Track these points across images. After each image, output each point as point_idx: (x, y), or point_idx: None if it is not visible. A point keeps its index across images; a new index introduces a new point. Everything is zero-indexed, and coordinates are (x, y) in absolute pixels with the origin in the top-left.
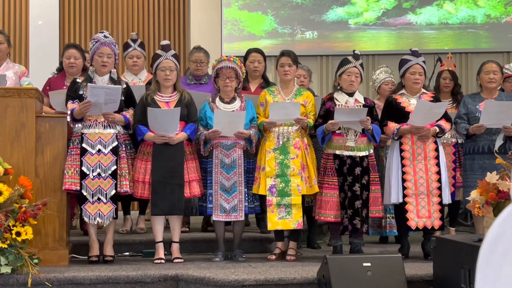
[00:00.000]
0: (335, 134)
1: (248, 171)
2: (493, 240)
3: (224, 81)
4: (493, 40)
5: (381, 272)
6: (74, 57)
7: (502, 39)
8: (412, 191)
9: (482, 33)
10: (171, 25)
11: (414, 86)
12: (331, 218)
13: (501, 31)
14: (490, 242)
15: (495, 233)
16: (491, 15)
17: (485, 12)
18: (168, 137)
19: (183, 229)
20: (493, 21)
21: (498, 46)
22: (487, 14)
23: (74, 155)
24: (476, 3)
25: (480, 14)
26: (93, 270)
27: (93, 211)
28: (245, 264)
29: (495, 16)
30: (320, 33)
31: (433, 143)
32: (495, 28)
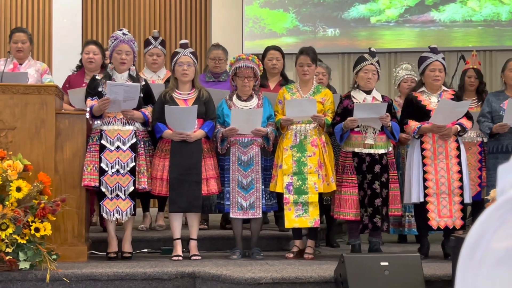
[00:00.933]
0: (354, 132)
1: (265, 169)
2: (473, 241)
3: (243, 81)
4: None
5: (399, 271)
6: (93, 53)
7: None
8: (434, 190)
9: (506, 30)
10: (193, 23)
11: (434, 83)
12: (351, 217)
13: None
14: (470, 242)
15: (476, 234)
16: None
17: (510, 9)
18: (186, 135)
19: (201, 226)
20: None
21: None
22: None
23: (93, 152)
24: (500, 0)
25: (505, 11)
26: (111, 266)
27: (111, 207)
28: (262, 262)
29: None
30: (342, 31)
31: (455, 141)
32: None
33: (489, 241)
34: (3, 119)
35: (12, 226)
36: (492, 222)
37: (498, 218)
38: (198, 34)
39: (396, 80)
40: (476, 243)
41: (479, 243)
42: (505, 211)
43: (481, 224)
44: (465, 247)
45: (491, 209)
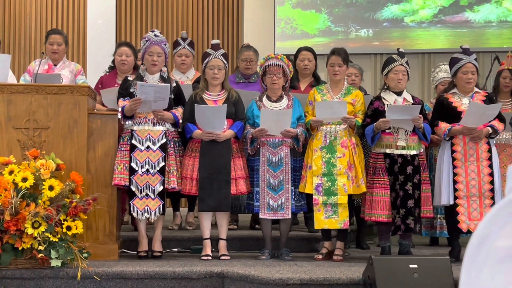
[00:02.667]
0: (385, 133)
1: (295, 170)
2: (479, 240)
3: (272, 78)
4: None
5: (428, 274)
6: (126, 55)
7: None
8: (464, 193)
9: None
10: (225, 23)
11: (467, 86)
12: (383, 218)
13: None
14: (476, 241)
15: (481, 233)
16: None
17: None
18: (216, 134)
19: (231, 226)
20: None
21: None
22: None
23: (124, 151)
24: None
25: None
26: (141, 265)
27: (141, 206)
28: (291, 263)
29: None
30: (375, 31)
31: (486, 143)
32: None
33: (493, 240)
34: (37, 119)
35: (45, 224)
36: (498, 221)
37: (503, 217)
38: (230, 35)
39: (434, 81)
40: (481, 242)
41: (484, 242)
42: (509, 211)
43: (486, 223)
44: (470, 245)
45: (497, 208)
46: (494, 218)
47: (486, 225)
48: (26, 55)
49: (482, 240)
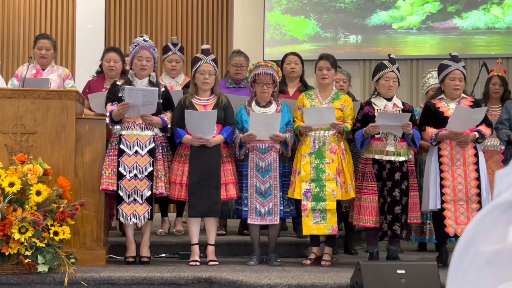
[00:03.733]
0: (375, 139)
1: (284, 175)
2: (465, 243)
3: (262, 87)
4: None
5: (416, 279)
6: (114, 61)
7: None
8: (451, 197)
9: None
10: (214, 29)
11: (454, 92)
12: (371, 224)
13: None
14: (462, 245)
15: (468, 237)
16: None
17: None
18: (205, 139)
19: (219, 232)
20: None
21: None
22: None
23: (112, 156)
24: None
25: None
26: (128, 270)
27: (128, 211)
28: (279, 268)
29: None
30: (363, 37)
31: (473, 148)
32: None
33: (479, 244)
34: (24, 123)
35: (31, 230)
36: (483, 226)
37: (489, 221)
38: (219, 40)
39: (424, 87)
40: (468, 245)
41: (471, 246)
42: (496, 215)
43: (472, 228)
44: (457, 249)
45: (483, 213)
46: (480, 223)
47: (472, 230)
48: (15, 59)
49: (468, 245)
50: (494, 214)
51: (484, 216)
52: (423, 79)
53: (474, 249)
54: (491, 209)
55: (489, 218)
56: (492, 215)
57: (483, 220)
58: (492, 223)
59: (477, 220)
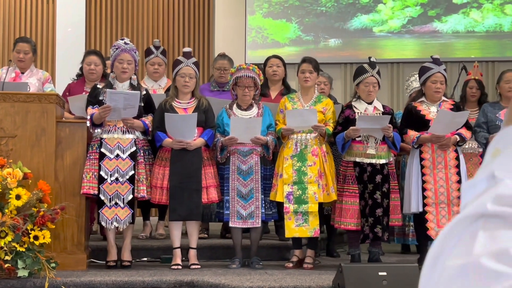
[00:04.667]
0: (356, 142)
1: (265, 178)
2: (432, 261)
3: (243, 90)
4: None
5: (397, 281)
6: (95, 64)
7: None
8: (432, 200)
9: (509, 41)
10: (196, 32)
11: (435, 95)
12: (352, 226)
13: None
14: (429, 263)
15: (434, 254)
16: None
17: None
18: (186, 143)
19: (201, 235)
20: None
21: None
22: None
23: (93, 160)
24: (503, 11)
25: (507, 22)
26: (110, 275)
27: (110, 215)
28: (262, 271)
29: None
30: (344, 41)
31: (454, 151)
32: None
33: (445, 259)
34: (4, 127)
35: (11, 234)
36: (450, 239)
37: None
38: (201, 43)
39: (408, 89)
40: (435, 260)
41: (438, 260)
42: (462, 229)
43: (440, 241)
44: (425, 263)
45: (450, 226)
46: (447, 237)
47: (439, 244)
48: None
49: (435, 260)
50: (460, 227)
51: (451, 230)
52: (406, 82)
53: (441, 264)
54: (457, 222)
55: (455, 231)
56: (458, 228)
57: (449, 234)
58: (458, 237)
59: (444, 234)
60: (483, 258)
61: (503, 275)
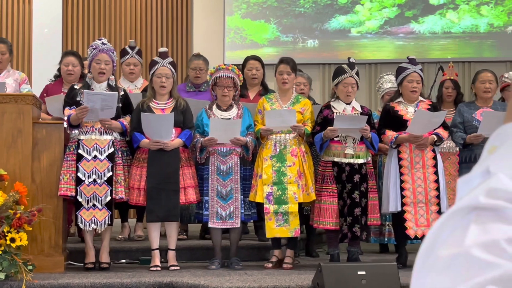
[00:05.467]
0: (334, 142)
1: (245, 178)
2: (425, 252)
3: (222, 90)
4: (496, 49)
5: (376, 280)
6: (72, 65)
7: (505, 48)
8: (411, 199)
9: (485, 42)
10: (174, 32)
11: (412, 95)
12: (331, 226)
13: (504, 40)
14: (423, 254)
15: (428, 245)
16: (494, 24)
17: (488, 21)
18: (163, 143)
19: (180, 236)
20: (496, 30)
21: (501, 55)
22: (490, 23)
23: (70, 161)
24: (479, 12)
25: (483, 23)
26: (88, 277)
27: (88, 217)
28: (241, 272)
29: (498, 25)
30: (322, 42)
31: (431, 151)
32: (498, 37)
33: (438, 249)
34: None
35: None
36: (444, 230)
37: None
38: (179, 43)
39: (380, 91)
40: (429, 250)
41: (431, 251)
42: (456, 220)
43: (434, 232)
44: (419, 254)
45: (444, 217)
46: (441, 228)
47: (433, 235)
48: None
49: (429, 250)
50: (455, 218)
51: (445, 221)
52: (377, 83)
53: (434, 254)
54: (450, 214)
55: (448, 223)
56: (451, 220)
57: (443, 225)
58: (451, 228)
59: (437, 226)
60: (473, 249)
61: (493, 265)
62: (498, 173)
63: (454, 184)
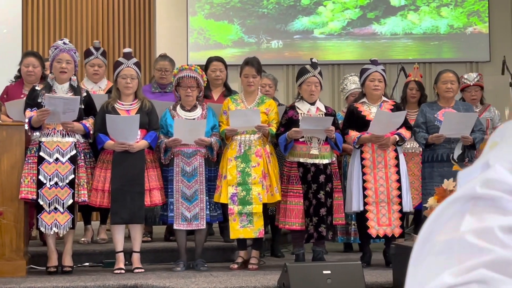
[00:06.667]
0: (299, 142)
1: (210, 179)
2: (423, 239)
3: (186, 90)
4: (456, 50)
5: (341, 279)
6: (33, 65)
7: (465, 49)
8: (373, 199)
9: (445, 43)
10: (137, 33)
11: (374, 93)
12: (296, 226)
13: (464, 41)
14: (421, 240)
15: (425, 233)
16: (454, 26)
17: (448, 23)
18: (128, 145)
19: (145, 238)
20: (456, 32)
21: (461, 56)
22: (450, 25)
23: (31, 164)
24: (439, 13)
25: (444, 24)
26: (50, 281)
27: (49, 220)
28: (207, 273)
29: (458, 27)
30: (286, 43)
31: (394, 151)
32: (458, 38)
33: (435, 235)
34: None
35: None
36: (442, 218)
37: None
38: (142, 44)
39: (344, 92)
40: (427, 237)
41: (429, 237)
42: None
43: (432, 220)
44: (417, 241)
45: (443, 205)
46: (439, 215)
47: (431, 223)
48: None
49: (426, 237)
50: (452, 207)
51: (442, 210)
52: (341, 84)
53: (431, 240)
54: (448, 203)
55: (446, 212)
56: (450, 208)
57: (440, 214)
58: (449, 215)
59: (436, 214)
60: (467, 234)
61: (485, 250)
62: (495, 165)
63: (418, 184)
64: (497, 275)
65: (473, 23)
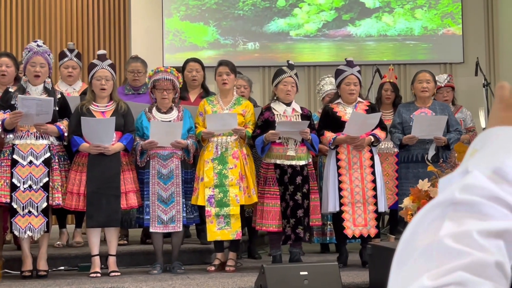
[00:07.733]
0: (275, 144)
1: (186, 182)
2: (405, 243)
3: (162, 93)
4: (430, 52)
5: (318, 280)
6: (6, 65)
7: (439, 51)
8: (348, 199)
9: (419, 44)
10: (112, 34)
11: (349, 97)
12: (274, 228)
13: (438, 43)
14: (403, 245)
15: (408, 235)
16: (428, 27)
17: (423, 24)
18: (104, 147)
19: (121, 242)
20: (430, 33)
21: (435, 58)
22: (424, 26)
23: (5, 167)
24: (413, 15)
25: (418, 26)
26: (25, 285)
27: (23, 224)
28: (184, 276)
29: (432, 28)
30: (262, 44)
31: (369, 152)
32: (432, 40)
33: (416, 239)
34: None
35: None
36: (423, 222)
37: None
38: (117, 46)
39: (320, 93)
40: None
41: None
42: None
43: (414, 224)
44: (399, 246)
45: (425, 209)
46: (421, 220)
47: (413, 227)
48: None
49: (408, 242)
50: (432, 212)
51: (422, 215)
52: (317, 86)
53: (412, 245)
54: (428, 209)
55: (426, 217)
56: (430, 213)
57: (421, 219)
58: (430, 220)
59: (416, 219)
60: (446, 238)
61: (463, 254)
62: (474, 171)
63: (392, 184)
64: (475, 277)
65: (447, 25)
